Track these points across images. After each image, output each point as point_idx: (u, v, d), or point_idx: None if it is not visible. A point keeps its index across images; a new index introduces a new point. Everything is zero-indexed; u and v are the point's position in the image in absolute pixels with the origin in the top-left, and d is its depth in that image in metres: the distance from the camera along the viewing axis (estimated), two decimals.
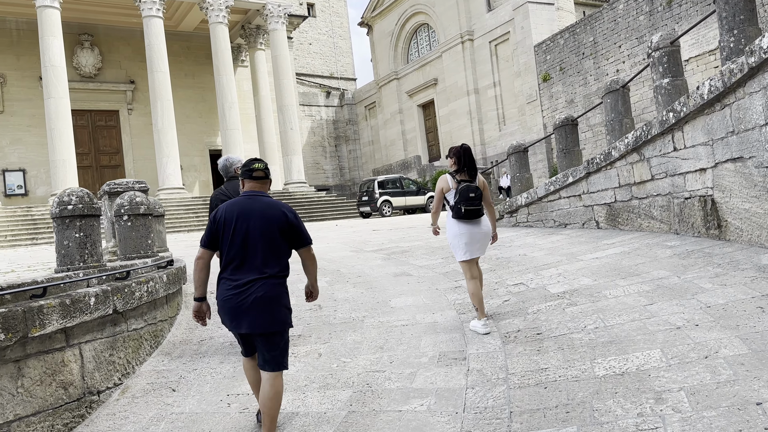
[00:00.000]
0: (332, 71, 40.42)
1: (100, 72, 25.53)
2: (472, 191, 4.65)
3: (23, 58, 23.31)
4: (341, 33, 41.34)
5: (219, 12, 23.25)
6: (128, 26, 25.27)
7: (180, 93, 26.90)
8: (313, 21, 39.86)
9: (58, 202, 4.19)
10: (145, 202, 5.33)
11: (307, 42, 39.46)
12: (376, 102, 35.40)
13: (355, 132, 36.74)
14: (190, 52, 27.70)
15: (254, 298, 3.06)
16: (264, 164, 3.37)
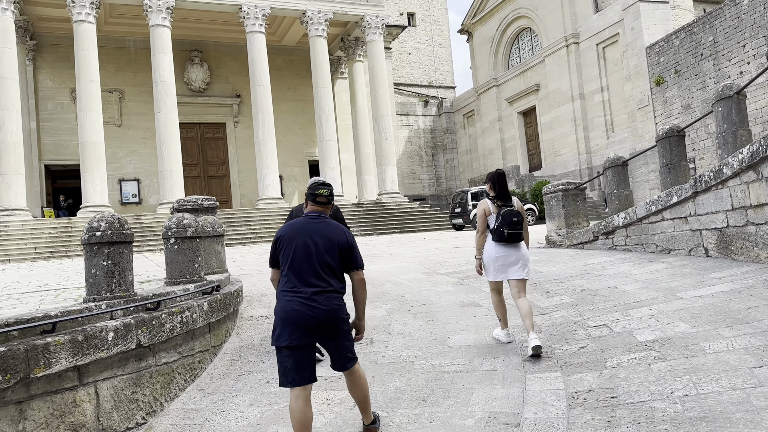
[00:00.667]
0: (431, 80, 40.03)
1: (208, 86, 26.77)
2: (515, 216, 4.83)
3: (139, 75, 24.94)
4: (441, 41, 40.86)
5: (318, 26, 23.59)
6: (235, 42, 26.31)
7: (282, 106, 27.64)
8: (413, 30, 39.71)
9: (87, 227, 4.02)
10: (192, 224, 5.11)
11: (406, 52, 39.36)
12: (474, 110, 34.55)
13: (452, 141, 36.08)
14: (293, 65, 28.39)
15: (321, 308, 3.23)
16: (329, 190, 3.58)
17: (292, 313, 3.23)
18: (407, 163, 34.38)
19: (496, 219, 4.86)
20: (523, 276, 4.82)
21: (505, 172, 5.06)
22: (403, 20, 39.34)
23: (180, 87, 25.38)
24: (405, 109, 35.26)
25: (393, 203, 24.20)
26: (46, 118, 23.84)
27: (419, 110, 35.78)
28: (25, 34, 22.31)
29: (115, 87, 24.98)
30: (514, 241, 4.82)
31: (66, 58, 22.81)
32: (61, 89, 23.99)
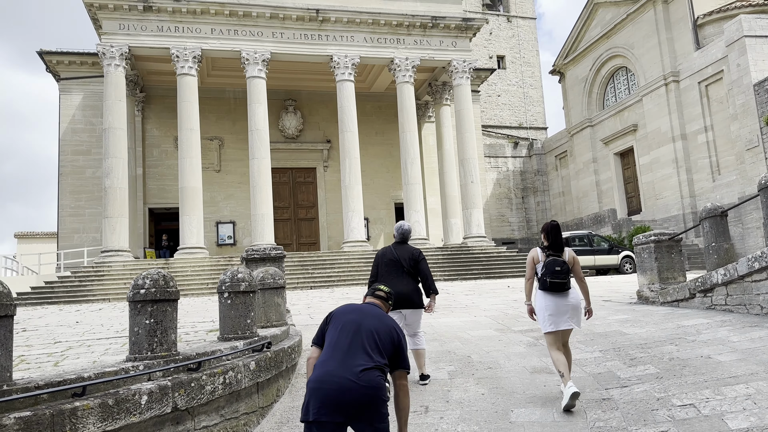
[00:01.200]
0: (521, 121, 39.33)
1: (301, 133, 27.73)
2: (558, 265, 4.94)
3: (238, 123, 26.30)
4: (532, 82, 40.23)
5: (405, 72, 23.91)
6: (327, 90, 27.20)
7: (369, 150, 28.06)
8: (503, 73, 39.42)
9: (133, 284, 4.02)
10: (246, 278, 5.03)
11: (495, 94, 39.03)
12: (567, 151, 33.40)
13: (544, 183, 34.96)
14: (381, 111, 28.88)
15: (361, 383, 2.98)
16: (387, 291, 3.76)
17: (326, 384, 2.98)
18: (495, 206, 33.64)
19: (542, 267, 5.01)
20: (571, 326, 4.92)
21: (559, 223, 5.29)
22: (492, 63, 39.19)
23: (274, 134, 26.48)
24: (494, 150, 34.73)
25: (478, 247, 23.59)
26: (152, 164, 25.61)
27: (508, 152, 35.11)
28: (135, 87, 24.24)
29: (215, 135, 26.46)
30: (558, 290, 4.91)
31: (171, 108, 24.49)
32: (165, 137, 25.75)
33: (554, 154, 34.54)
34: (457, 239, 25.12)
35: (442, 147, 26.84)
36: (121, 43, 20.90)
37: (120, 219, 20.30)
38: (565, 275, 4.90)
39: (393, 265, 5.47)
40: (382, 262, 5.57)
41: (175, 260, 20.41)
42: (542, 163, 35.29)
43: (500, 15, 41.21)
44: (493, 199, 33.70)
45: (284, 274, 7.57)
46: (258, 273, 6.22)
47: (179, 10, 21.34)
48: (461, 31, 24.53)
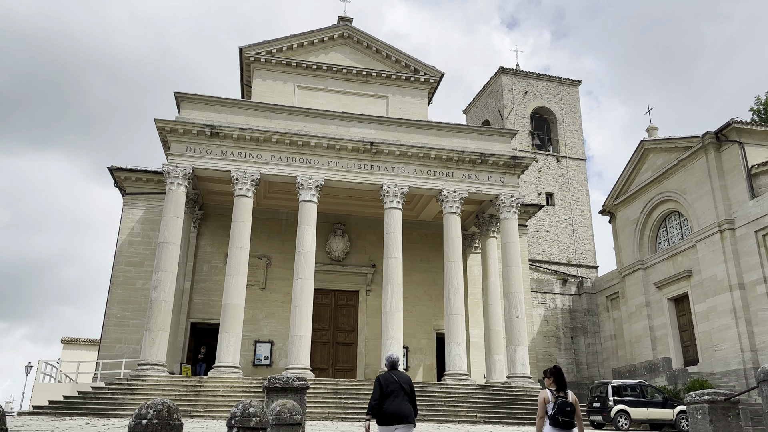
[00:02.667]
0: (570, 258, 38.70)
1: (347, 256, 27.97)
2: (568, 406, 6.17)
3: (287, 244, 26.82)
4: (581, 220, 40.08)
5: (453, 203, 24.23)
6: (375, 216, 27.73)
7: (413, 276, 27.89)
8: (551, 210, 39.57)
9: (136, 414, 3.76)
10: (258, 413, 4.72)
11: (543, 229, 38.93)
12: (619, 292, 32.25)
13: (594, 324, 33.49)
14: (427, 239, 29.04)
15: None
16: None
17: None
18: (542, 344, 32.18)
19: (553, 407, 6.24)
20: None
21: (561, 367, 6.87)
22: (540, 200, 39.52)
23: (321, 255, 26.81)
24: (541, 286, 33.92)
25: (523, 389, 22.21)
26: (200, 279, 26.08)
27: (557, 288, 34.21)
28: (194, 205, 25.36)
29: (264, 253, 26.98)
30: (567, 428, 6.10)
31: (226, 226, 25.27)
32: (217, 254, 26.41)
33: (605, 294, 33.40)
34: (500, 377, 23.87)
35: (487, 279, 26.39)
36: (186, 164, 22.19)
37: (161, 332, 20.34)
38: (572, 414, 6.15)
39: (396, 387, 6.78)
40: (386, 384, 6.82)
41: (209, 378, 20.02)
42: (592, 303, 34.07)
43: (550, 155, 42.26)
44: (539, 337, 32.33)
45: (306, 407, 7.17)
46: (275, 406, 5.88)
47: (243, 137, 22.74)
48: (509, 168, 25.00)
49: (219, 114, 23.18)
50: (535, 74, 45.40)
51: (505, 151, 25.27)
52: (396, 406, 6.63)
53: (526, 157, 25.87)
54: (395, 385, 6.79)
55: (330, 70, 30.88)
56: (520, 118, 42.95)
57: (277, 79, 30.59)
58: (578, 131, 44.22)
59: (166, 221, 21.70)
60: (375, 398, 6.78)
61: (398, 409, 6.63)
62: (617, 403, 18.88)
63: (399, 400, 6.70)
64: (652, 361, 26.54)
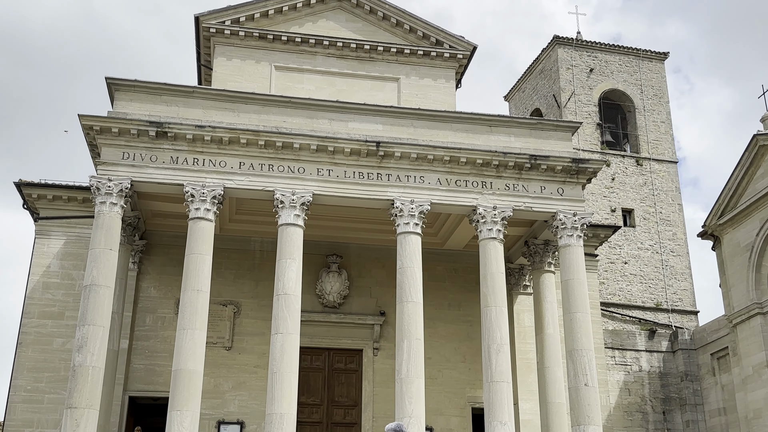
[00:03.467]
0: (659, 300, 38.48)
1: (345, 301, 27.99)
2: None
3: (262, 285, 26.85)
4: (673, 247, 39.98)
5: (492, 226, 24.19)
6: (383, 245, 27.72)
7: (439, 328, 27.80)
8: (631, 232, 39.53)
9: None
10: None
11: (620, 260, 38.81)
12: (728, 348, 32.02)
13: (695, 393, 33.22)
14: (457, 275, 29.02)
15: None
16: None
17: None
18: (622, 422, 31.89)
19: None
20: None
21: None
22: (615, 219, 39.46)
23: (309, 301, 26.78)
24: (619, 340, 33.77)
25: None
26: (142, 335, 26.17)
27: (641, 343, 34.06)
28: (133, 232, 25.54)
29: (230, 299, 27.07)
30: None
31: (177, 261, 25.35)
32: (165, 300, 26.52)
33: (709, 351, 33.16)
34: None
35: (542, 330, 26.26)
36: (122, 177, 22.35)
37: (87, 411, 20.28)
38: None
39: None
40: None
41: None
42: (692, 364, 33.82)
43: (626, 156, 42.33)
44: (618, 413, 32.04)
45: None
46: None
47: (201, 138, 22.95)
48: (570, 175, 25.02)
49: (168, 107, 23.46)
50: (604, 45, 45.72)
51: (565, 152, 25.33)
52: None
53: (594, 160, 25.91)
54: None
55: (320, 45, 31.29)
56: (583, 105, 43.16)
57: (248, 57, 31.03)
58: (665, 123, 44.36)
59: (94, 256, 21.85)
60: None
61: None
62: None
63: None
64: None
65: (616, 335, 33.65)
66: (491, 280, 23.84)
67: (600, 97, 44.06)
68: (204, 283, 22.15)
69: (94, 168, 23.73)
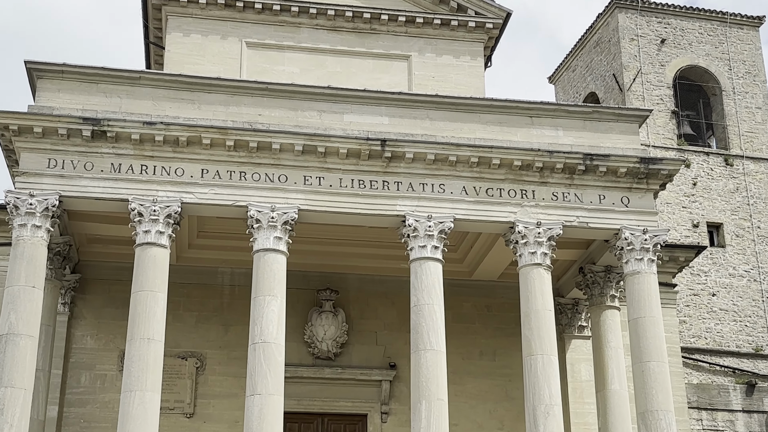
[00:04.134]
0: (758, 344, 38.26)
1: (343, 350, 27.90)
2: None
3: (233, 330, 26.80)
4: None
5: (535, 248, 24.06)
6: (392, 276, 27.62)
7: (469, 385, 27.67)
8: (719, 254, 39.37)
9: None
10: None
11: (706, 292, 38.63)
12: None
13: None
14: (491, 315, 28.94)
15: None
16: None
17: None
18: None
19: None
20: None
21: None
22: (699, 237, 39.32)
23: (297, 351, 26.87)
24: (708, 397, 33.54)
25: None
26: (76, 400, 26.06)
27: (737, 401, 33.79)
28: (63, 263, 25.41)
29: (191, 349, 27.02)
30: None
31: (121, 302, 25.36)
32: (106, 352, 26.48)
33: None
34: None
35: (604, 386, 26.12)
36: (49, 190, 22.19)
37: None
38: None
39: None
40: None
41: None
42: None
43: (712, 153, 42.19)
44: None
45: None
46: None
47: (150, 139, 22.88)
48: (638, 180, 24.93)
49: (107, 98, 23.44)
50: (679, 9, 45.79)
51: (630, 149, 25.31)
52: None
53: (670, 159, 25.95)
54: None
55: (305, 14, 31.39)
56: (653, 87, 43.16)
57: (211, 32, 31.15)
58: (762, 109, 44.23)
59: (13, 296, 21.73)
60: None
61: None
62: None
63: None
64: None
65: (703, 391, 33.34)
66: (536, 319, 23.69)
67: (675, 77, 44.04)
68: (157, 330, 22.01)
69: (11, 180, 23.77)
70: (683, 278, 36.38)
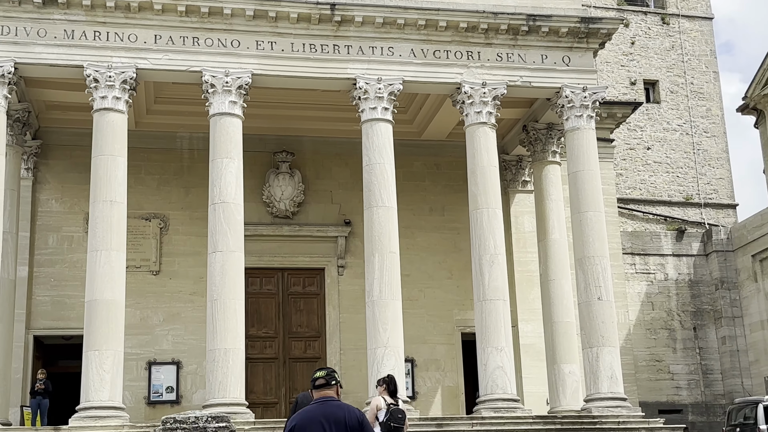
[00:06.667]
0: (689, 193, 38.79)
1: (300, 209, 27.81)
2: (399, 413, 11.07)
3: (194, 193, 26.51)
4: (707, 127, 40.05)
5: (481, 107, 23.93)
6: (346, 137, 27.33)
7: (420, 239, 27.84)
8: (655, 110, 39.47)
9: None
10: None
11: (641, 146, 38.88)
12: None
13: (732, 303, 33.89)
14: (440, 172, 28.90)
15: None
16: (326, 372, 6.46)
17: None
18: (644, 342, 32.59)
19: (385, 414, 10.81)
20: None
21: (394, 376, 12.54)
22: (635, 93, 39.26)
23: (256, 211, 26.78)
24: (641, 244, 34.08)
25: (613, 419, 22.49)
26: (45, 260, 25.90)
27: (667, 246, 34.40)
28: (23, 129, 24.87)
29: (154, 211, 26.78)
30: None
31: (84, 166, 24.89)
32: (72, 215, 26.11)
33: (751, 251, 33.62)
34: (572, 401, 24.30)
35: (545, 236, 26.41)
36: (3, 57, 21.60)
37: None
38: (403, 422, 10.89)
39: None
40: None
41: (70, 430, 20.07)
42: (729, 268, 34.33)
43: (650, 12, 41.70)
44: (639, 331, 32.68)
45: None
46: None
47: (102, 5, 22.05)
48: (579, 39, 24.71)
49: None
50: None
51: (572, 9, 24.94)
52: None
53: (609, 19, 25.62)
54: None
55: None
56: None
57: None
58: None
59: None
60: None
61: None
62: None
63: None
64: None
65: (637, 238, 33.81)
66: (481, 175, 23.72)
67: None
68: (119, 192, 21.80)
69: None
70: (620, 133, 36.46)
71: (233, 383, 21.29)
